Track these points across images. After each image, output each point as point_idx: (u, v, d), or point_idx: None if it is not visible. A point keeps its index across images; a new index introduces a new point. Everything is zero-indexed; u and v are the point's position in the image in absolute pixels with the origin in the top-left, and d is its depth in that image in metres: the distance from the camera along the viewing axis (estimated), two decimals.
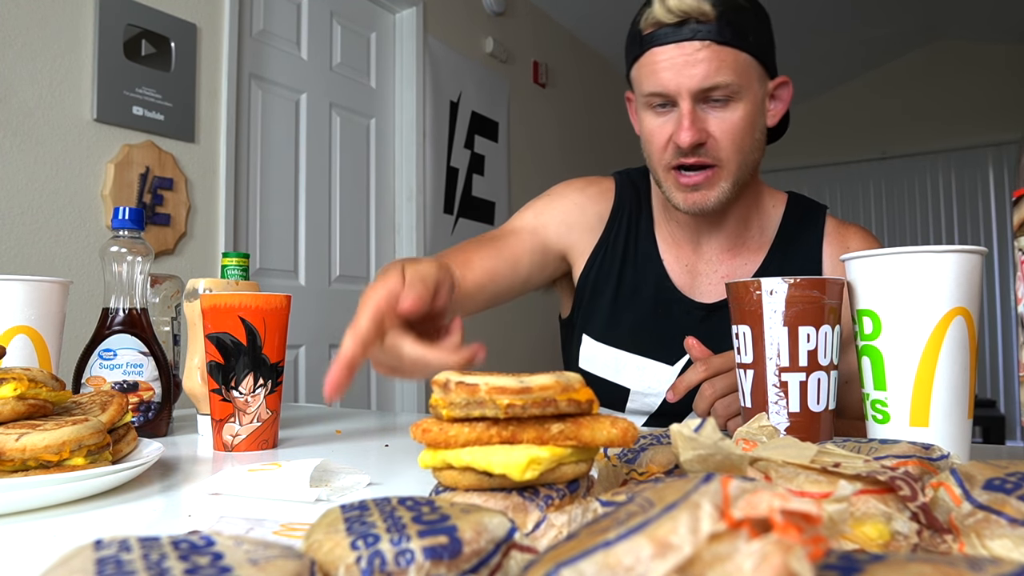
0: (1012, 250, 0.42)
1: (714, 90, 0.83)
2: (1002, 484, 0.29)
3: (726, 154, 0.85)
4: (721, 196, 0.87)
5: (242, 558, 0.22)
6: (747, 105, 0.85)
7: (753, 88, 0.86)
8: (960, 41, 5.00)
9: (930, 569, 0.19)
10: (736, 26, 0.83)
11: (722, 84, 0.83)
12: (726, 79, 0.83)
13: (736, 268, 0.96)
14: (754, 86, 0.86)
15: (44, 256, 1.67)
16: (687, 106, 0.84)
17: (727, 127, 0.85)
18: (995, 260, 4.84)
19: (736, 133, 0.85)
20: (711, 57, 0.82)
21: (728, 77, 0.83)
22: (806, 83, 5.31)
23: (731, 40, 0.83)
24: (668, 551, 0.18)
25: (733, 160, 0.86)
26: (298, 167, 2.42)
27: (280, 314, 0.73)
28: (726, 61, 0.83)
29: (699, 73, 0.82)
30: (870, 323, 0.56)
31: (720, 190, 0.87)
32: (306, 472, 0.50)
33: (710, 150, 0.85)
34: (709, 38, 0.82)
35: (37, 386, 0.52)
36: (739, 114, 0.85)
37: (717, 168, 0.86)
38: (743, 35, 0.83)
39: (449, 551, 0.24)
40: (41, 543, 0.40)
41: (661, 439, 0.43)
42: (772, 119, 0.90)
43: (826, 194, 5.49)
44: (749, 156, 0.87)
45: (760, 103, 0.87)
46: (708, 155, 0.85)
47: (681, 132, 0.84)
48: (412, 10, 2.79)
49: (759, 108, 0.87)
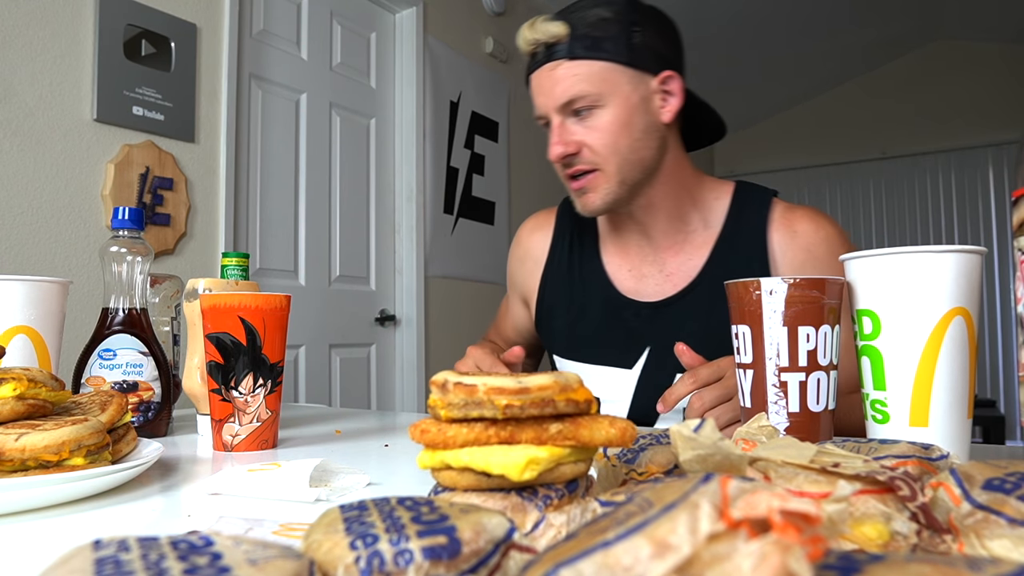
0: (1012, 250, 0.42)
1: (574, 102, 0.89)
2: (1001, 484, 0.29)
3: (602, 158, 0.90)
4: (607, 196, 0.92)
5: (241, 558, 0.22)
6: (615, 109, 0.89)
7: (621, 92, 0.89)
8: (960, 41, 5.00)
9: (929, 569, 0.19)
10: (591, 39, 0.88)
11: (579, 96, 0.88)
12: (582, 90, 0.88)
13: (681, 264, 0.97)
14: (622, 90, 0.89)
15: (44, 256, 1.67)
16: (556, 121, 0.91)
17: (596, 133, 0.90)
18: (995, 260, 4.84)
19: (607, 137, 0.89)
20: (565, 73, 0.89)
21: (584, 88, 0.88)
22: (806, 83, 5.32)
23: (584, 54, 0.88)
24: (667, 551, 0.18)
25: (611, 161, 0.90)
26: (298, 167, 2.42)
27: (280, 314, 0.73)
28: (580, 74, 0.88)
29: (557, 90, 0.89)
30: (870, 323, 0.56)
31: (605, 191, 0.91)
32: (306, 472, 0.50)
33: (585, 157, 0.91)
34: (561, 56, 0.89)
35: (37, 386, 0.52)
36: (607, 119, 0.89)
37: (597, 172, 0.91)
38: (598, 46, 0.88)
39: (448, 551, 0.24)
40: (40, 543, 0.40)
41: (660, 439, 0.43)
42: (667, 115, 0.92)
43: (826, 194, 5.49)
44: (631, 155, 0.91)
45: (635, 104, 0.90)
46: (584, 161, 0.91)
47: (552, 146, 0.91)
48: (412, 10, 2.79)
49: (634, 109, 0.90)
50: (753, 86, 5.10)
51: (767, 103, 5.50)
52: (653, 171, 0.94)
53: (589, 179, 0.91)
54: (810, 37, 4.55)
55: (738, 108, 5.44)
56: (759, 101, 5.43)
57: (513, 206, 3.32)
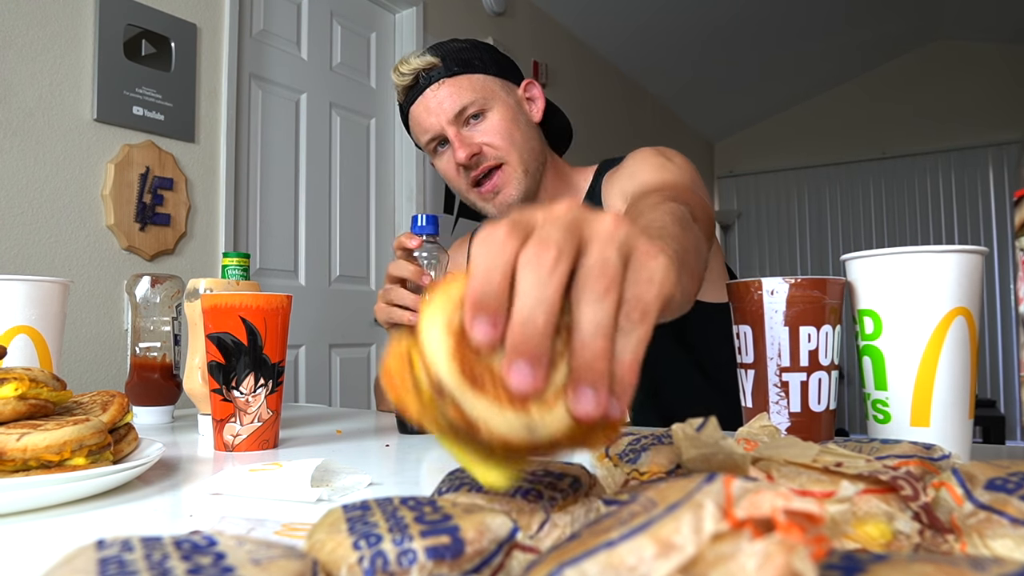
0: (1012, 250, 0.42)
1: (465, 110, 0.99)
2: (1004, 484, 0.29)
3: (503, 151, 0.99)
4: (519, 187, 1.00)
5: (244, 558, 0.22)
6: (501, 109, 1.00)
7: (500, 96, 1.01)
8: (960, 41, 5.00)
9: (932, 569, 0.19)
10: (461, 60, 1.00)
11: (467, 103, 0.98)
12: (469, 99, 0.98)
13: None
14: (500, 95, 1.01)
15: (44, 256, 1.67)
16: (452, 131, 0.99)
17: (492, 130, 0.99)
18: (995, 260, 4.84)
19: (501, 131, 0.99)
20: (449, 88, 0.99)
21: (469, 96, 0.98)
22: (806, 83, 5.32)
23: (460, 70, 0.99)
24: (671, 551, 0.18)
25: (512, 152, 0.99)
26: (298, 167, 2.42)
27: (281, 314, 0.73)
28: (463, 86, 0.99)
29: (447, 103, 0.98)
30: (871, 323, 0.56)
31: (516, 182, 1.00)
32: (307, 472, 0.50)
33: (488, 155, 0.99)
34: (441, 77, 0.99)
35: (38, 386, 0.52)
36: (496, 118, 0.99)
37: (504, 165, 1.00)
38: (468, 64, 1.00)
39: (451, 551, 0.24)
40: (42, 543, 0.40)
41: (663, 439, 0.43)
42: (537, 115, 1.05)
43: (826, 194, 5.49)
44: (525, 145, 1.01)
45: (514, 106, 1.02)
46: (490, 158, 0.99)
47: (456, 152, 0.98)
48: (412, 10, 2.79)
49: (514, 109, 1.02)
50: (753, 86, 5.10)
51: (767, 103, 5.50)
52: (544, 161, 1.04)
53: (498, 176, 1.00)
54: (810, 37, 4.55)
55: (738, 108, 5.45)
56: (759, 101, 5.43)
57: None
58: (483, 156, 0.99)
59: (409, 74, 1.00)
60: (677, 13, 3.89)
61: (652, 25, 3.90)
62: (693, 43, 4.23)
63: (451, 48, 1.01)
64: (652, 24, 3.90)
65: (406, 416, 0.28)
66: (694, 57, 4.37)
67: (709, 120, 5.47)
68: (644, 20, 3.83)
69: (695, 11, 3.94)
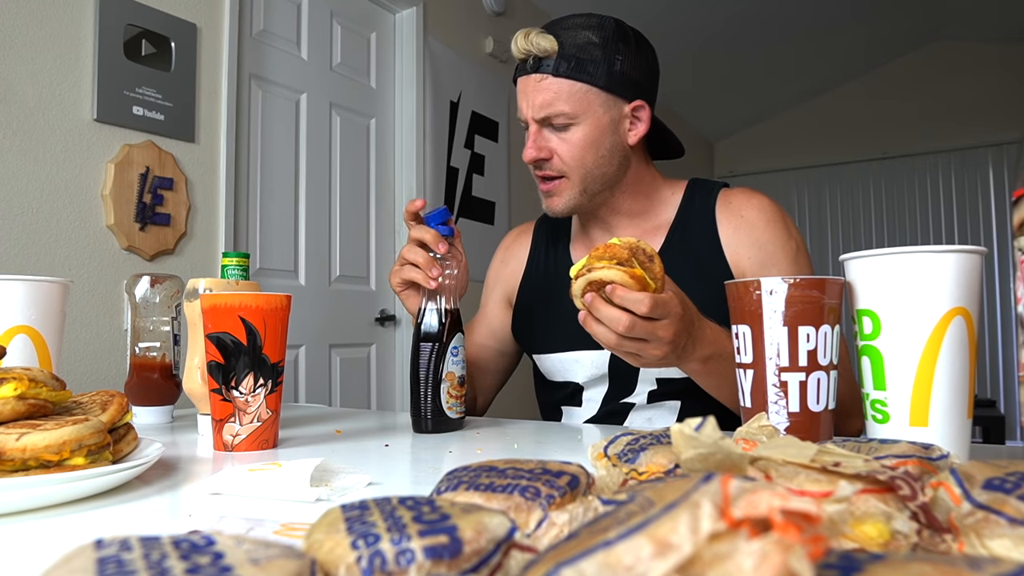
0: (1012, 250, 0.42)
1: (552, 118, 0.97)
2: (1002, 484, 0.29)
3: (568, 168, 0.99)
4: (570, 202, 1.01)
5: (243, 558, 0.22)
6: (587, 128, 0.98)
7: (595, 113, 0.98)
8: (960, 41, 5.00)
9: (930, 568, 0.19)
10: (576, 60, 0.96)
11: (557, 113, 0.97)
12: (560, 108, 0.96)
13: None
14: (596, 111, 0.98)
15: (44, 256, 1.67)
16: (534, 128, 0.99)
17: (567, 147, 0.98)
18: (995, 260, 4.85)
19: (576, 152, 0.98)
20: (547, 88, 0.97)
21: (562, 107, 0.96)
22: (806, 83, 5.32)
23: (569, 72, 0.96)
24: (668, 550, 0.18)
25: (576, 172, 0.99)
26: (298, 167, 2.42)
27: (280, 314, 0.73)
28: (561, 92, 0.96)
29: (538, 102, 0.97)
30: (870, 323, 0.56)
31: (568, 197, 1.01)
32: (306, 472, 0.50)
33: (554, 165, 0.99)
34: (547, 72, 0.97)
35: (38, 386, 0.52)
36: (578, 136, 0.98)
37: (563, 179, 1.00)
38: (582, 68, 0.96)
39: (450, 551, 0.24)
40: (41, 543, 0.40)
41: (661, 439, 0.43)
42: (633, 138, 1.02)
43: (826, 194, 5.49)
44: (595, 170, 1.00)
45: (606, 126, 0.99)
46: (552, 168, 1.00)
47: (527, 149, 1.00)
48: (412, 10, 2.79)
49: (604, 130, 0.99)
50: (753, 86, 5.10)
51: (767, 103, 5.50)
52: (614, 184, 1.04)
53: (555, 184, 1.01)
54: (810, 38, 4.55)
55: (738, 108, 5.45)
56: (759, 101, 5.43)
57: (513, 206, 3.32)
58: (549, 164, 1.00)
59: (523, 52, 0.98)
60: (677, 13, 3.90)
61: (652, 25, 3.89)
62: (693, 43, 4.23)
63: (574, 41, 0.96)
64: (652, 24, 3.88)
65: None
66: (694, 57, 4.37)
67: (709, 120, 5.47)
68: (644, 20, 3.82)
69: (695, 12, 3.94)
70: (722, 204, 1.04)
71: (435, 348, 0.84)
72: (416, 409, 0.85)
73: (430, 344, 0.84)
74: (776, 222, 1.02)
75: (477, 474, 0.35)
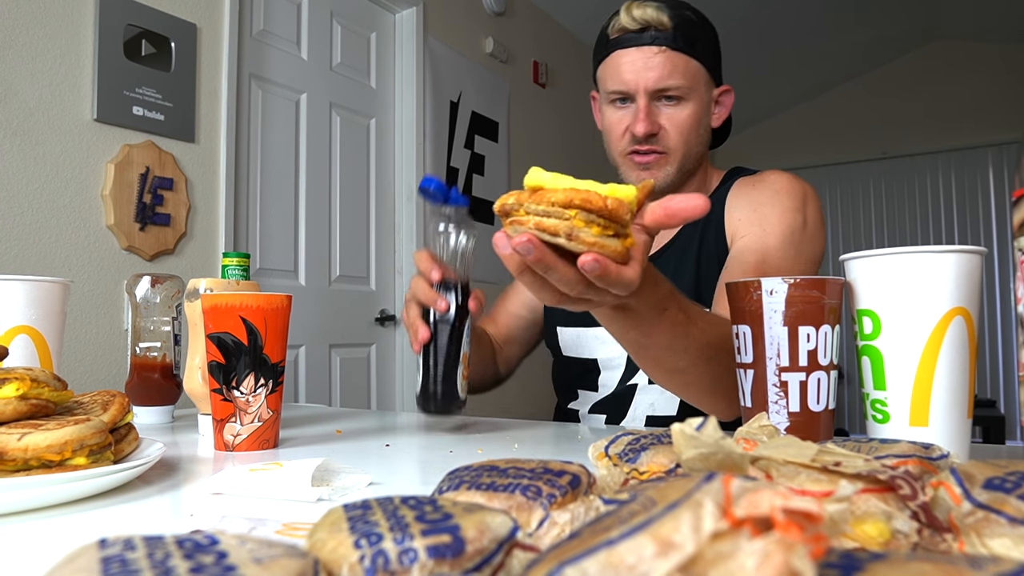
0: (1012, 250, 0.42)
1: (667, 90, 0.97)
2: (1002, 483, 0.29)
3: (674, 144, 0.99)
4: (666, 178, 1.00)
5: (246, 557, 0.22)
6: (694, 105, 0.98)
7: (700, 91, 0.99)
8: (961, 41, 5.00)
9: (930, 567, 0.19)
10: (688, 36, 0.96)
11: (674, 86, 0.96)
12: (678, 82, 0.96)
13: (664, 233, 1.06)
14: (701, 90, 0.99)
15: (44, 256, 1.67)
16: (643, 102, 0.97)
17: (676, 122, 0.98)
18: (995, 260, 4.85)
19: (684, 128, 0.98)
20: (666, 61, 0.96)
21: (679, 80, 0.96)
22: (806, 83, 5.32)
23: (684, 48, 0.96)
24: (670, 550, 0.18)
25: (679, 150, 0.99)
26: (298, 167, 2.42)
27: (281, 314, 0.73)
28: (679, 66, 0.96)
29: (655, 75, 0.96)
30: (870, 323, 0.56)
31: (665, 173, 1.00)
32: (307, 472, 0.50)
33: (661, 140, 0.99)
34: (665, 44, 0.95)
35: (39, 386, 0.52)
36: (687, 112, 0.98)
37: (665, 155, 1.00)
38: (693, 44, 0.97)
39: (452, 550, 0.24)
40: (44, 543, 0.40)
41: (662, 439, 0.43)
42: (716, 121, 1.04)
43: (826, 194, 5.49)
44: (694, 149, 1.01)
45: (706, 105, 1.01)
46: (659, 144, 0.99)
47: (637, 123, 0.97)
48: (412, 10, 2.79)
49: (705, 109, 1.01)
50: (754, 86, 5.10)
51: (767, 103, 5.50)
52: (697, 166, 1.05)
53: (655, 159, 0.99)
54: (810, 39, 4.55)
55: (738, 108, 5.44)
56: (760, 101, 5.43)
57: None
58: (657, 139, 0.98)
59: (640, 22, 0.96)
60: None
61: None
62: None
63: (685, 18, 0.97)
64: None
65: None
66: None
67: None
68: None
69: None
70: (736, 187, 1.03)
71: (454, 326, 0.84)
72: (425, 388, 0.83)
73: (448, 324, 0.83)
74: (785, 193, 0.98)
75: (479, 473, 0.35)
